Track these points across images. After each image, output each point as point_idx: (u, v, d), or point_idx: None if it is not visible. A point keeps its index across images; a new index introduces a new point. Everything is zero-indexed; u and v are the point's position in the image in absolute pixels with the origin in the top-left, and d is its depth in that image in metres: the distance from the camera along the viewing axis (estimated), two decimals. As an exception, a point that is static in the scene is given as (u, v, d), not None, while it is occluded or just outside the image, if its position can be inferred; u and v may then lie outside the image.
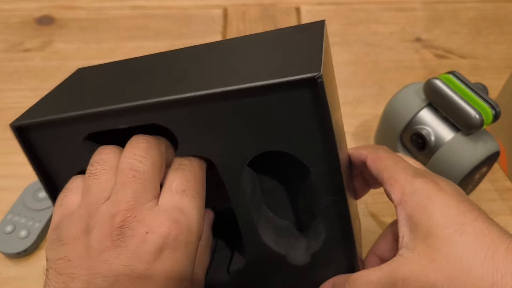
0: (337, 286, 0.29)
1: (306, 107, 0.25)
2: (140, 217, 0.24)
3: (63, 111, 0.27)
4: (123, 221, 0.23)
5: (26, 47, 0.61)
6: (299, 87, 0.24)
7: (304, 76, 0.23)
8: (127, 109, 0.26)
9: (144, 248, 0.23)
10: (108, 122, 0.27)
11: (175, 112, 0.26)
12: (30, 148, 0.28)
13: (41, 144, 0.28)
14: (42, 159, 0.29)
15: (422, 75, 0.59)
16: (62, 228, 0.24)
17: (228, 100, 0.25)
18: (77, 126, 0.27)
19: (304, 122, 0.25)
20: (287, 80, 0.23)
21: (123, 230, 0.23)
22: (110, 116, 0.26)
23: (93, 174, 0.25)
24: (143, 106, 0.25)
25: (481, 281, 0.23)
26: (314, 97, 0.24)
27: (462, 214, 0.25)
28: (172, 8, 0.66)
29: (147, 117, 0.26)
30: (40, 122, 0.27)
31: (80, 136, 0.27)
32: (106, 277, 0.22)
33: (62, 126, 0.27)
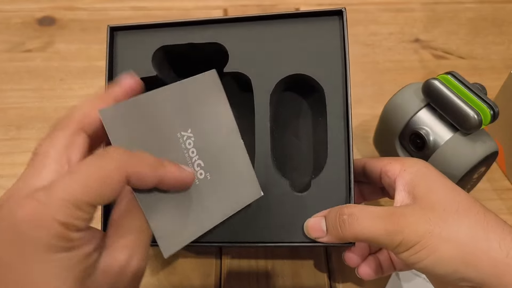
0: (342, 215, 0.30)
1: (333, 36, 0.36)
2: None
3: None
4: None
5: (28, 47, 0.61)
6: (330, 15, 0.36)
7: (334, 8, 0.36)
8: (194, 22, 0.36)
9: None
10: (177, 36, 0.37)
11: (230, 30, 0.36)
12: (112, 47, 0.37)
13: (121, 46, 0.37)
14: (116, 60, 0.37)
15: (421, 76, 0.59)
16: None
17: (272, 23, 0.37)
18: (152, 35, 0.37)
19: (330, 52, 0.36)
20: (321, 10, 0.36)
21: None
22: (180, 28, 0.37)
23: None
24: (207, 21, 0.36)
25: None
26: (340, 26, 0.36)
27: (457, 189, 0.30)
28: (173, 9, 0.67)
29: (209, 34, 0.36)
30: (128, 26, 0.37)
31: (154, 46, 0.37)
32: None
33: (141, 34, 0.37)
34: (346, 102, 0.35)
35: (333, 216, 0.31)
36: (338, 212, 0.30)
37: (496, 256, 0.26)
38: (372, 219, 0.29)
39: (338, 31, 0.36)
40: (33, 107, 0.55)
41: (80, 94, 0.56)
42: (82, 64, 0.60)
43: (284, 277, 0.43)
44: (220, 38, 0.36)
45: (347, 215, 0.30)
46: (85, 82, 0.58)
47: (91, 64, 0.60)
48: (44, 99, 0.56)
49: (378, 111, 0.47)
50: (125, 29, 0.37)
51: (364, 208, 0.30)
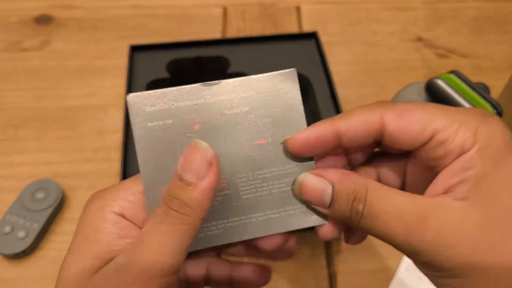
0: (358, 203, 0.22)
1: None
2: None
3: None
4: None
5: (25, 46, 0.61)
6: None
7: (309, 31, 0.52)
8: (201, 42, 0.52)
9: None
10: (185, 52, 0.50)
11: (234, 47, 0.52)
12: (132, 59, 0.51)
13: (140, 61, 0.51)
14: (134, 71, 0.50)
15: (423, 75, 0.58)
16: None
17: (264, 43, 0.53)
18: (163, 52, 0.51)
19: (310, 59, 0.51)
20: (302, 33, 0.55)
21: None
22: (188, 46, 0.51)
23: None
24: (213, 41, 0.52)
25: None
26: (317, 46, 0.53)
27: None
28: (172, 8, 0.66)
29: (215, 50, 0.51)
30: (146, 45, 0.52)
31: (165, 60, 0.50)
32: None
33: (155, 51, 0.51)
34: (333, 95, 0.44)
35: (345, 197, 0.23)
36: (354, 194, 0.22)
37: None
38: (394, 220, 0.21)
39: (316, 49, 0.54)
40: (30, 107, 0.55)
41: (77, 94, 0.56)
42: (79, 63, 0.59)
43: (284, 280, 0.42)
44: (222, 53, 0.51)
45: (365, 205, 0.22)
46: (82, 81, 0.57)
47: (89, 63, 0.59)
48: (42, 99, 0.55)
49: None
50: (144, 48, 0.51)
51: (387, 198, 0.22)
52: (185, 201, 0.21)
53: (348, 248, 0.44)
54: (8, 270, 0.43)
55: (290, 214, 0.25)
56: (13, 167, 0.50)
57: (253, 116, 0.25)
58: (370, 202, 0.22)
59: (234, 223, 0.25)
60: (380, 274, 0.43)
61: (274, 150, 0.25)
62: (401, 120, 0.22)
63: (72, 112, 0.54)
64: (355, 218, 0.22)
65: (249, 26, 0.64)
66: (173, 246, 0.21)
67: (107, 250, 0.22)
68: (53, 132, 0.52)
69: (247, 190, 0.25)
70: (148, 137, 0.24)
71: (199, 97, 0.25)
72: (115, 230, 0.22)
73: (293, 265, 0.43)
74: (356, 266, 0.43)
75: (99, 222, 0.22)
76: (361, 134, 0.23)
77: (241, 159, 0.25)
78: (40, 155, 0.50)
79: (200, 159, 0.22)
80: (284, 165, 0.25)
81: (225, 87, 0.25)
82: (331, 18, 0.66)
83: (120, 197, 0.23)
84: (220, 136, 0.25)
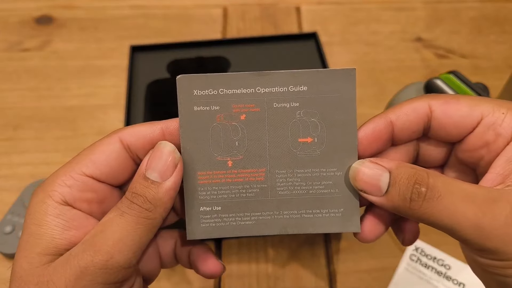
0: (421, 185, 0.21)
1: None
2: None
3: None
4: None
5: (25, 46, 0.61)
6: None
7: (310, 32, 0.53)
8: (201, 43, 0.51)
9: None
10: (186, 52, 0.50)
11: (234, 47, 0.52)
12: (133, 60, 0.50)
13: (140, 62, 0.50)
14: (135, 71, 0.49)
15: (422, 75, 0.59)
16: None
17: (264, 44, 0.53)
18: (163, 52, 0.50)
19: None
20: (302, 33, 0.54)
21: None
22: (189, 47, 0.51)
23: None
24: (213, 41, 0.52)
25: None
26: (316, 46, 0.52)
27: None
28: (172, 8, 0.66)
29: (215, 51, 0.51)
30: (146, 45, 0.51)
31: (165, 61, 0.50)
32: None
33: (155, 51, 0.50)
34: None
35: (405, 179, 0.21)
36: (414, 178, 0.21)
37: None
38: (461, 202, 0.20)
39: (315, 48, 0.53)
40: (30, 107, 0.55)
41: (77, 94, 0.56)
42: (80, 64, 0.59)
43: (284, 280, 0.42)
44: (222, 53, 0.51)
45: (428, 188, 0.21)
46: (83, 81, 0.57)
47: (89, 63, 0.59)
48: (42, 99, 0.56)
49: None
50: (145, 48, 0.51)
51: (452, 183, 0.21)
52: (149, 198, 0.21)
53: (348, 248, 0.44)
54: (8, 270, 0.43)
55: (324, 217, 0.25)
56: (13, 167, 0.50)
57: (302, 112, 0.25)
58: (433, 184, 0.21)
59: (267, 217, 0.25)
60: (380, 274, 0.43)
61: (318, 151, 0.25)
62: (447, 105, 0.23)
63: (72, 112, 0.54)
64: (416, 202, 0.21)
65: (249, 26, 0.64)
66: (133, 239, 0.21)
67: (51, 245, 0.21)
68: (53, 132, 0.52)
69: (284, 187, 0.25)
70: (193, 121, 0.24)
71: (250, 86, 0.24)
72: (58, 223, 0.22)
73: (293, 265, 0.43)
74: (356, 266, 0.43)
75: (41, 216, 0.22)
76: (411, 121, 0.23)
77: (283, 155, 0.25)
78: (40, 155, 0.51)
79: (166, 160, 0.22)
80: (327, 167, 0.25)
81: (277, 78, 0.24)
82: (331, 18, 0.66)
83: (58, 183, 0.22)
84: (265, 129, 0.25)
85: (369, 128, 0.24)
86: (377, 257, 0.44)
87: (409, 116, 0.23)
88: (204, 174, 0.25)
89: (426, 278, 0.42)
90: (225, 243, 0.44)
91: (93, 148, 0.23)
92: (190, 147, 0.24)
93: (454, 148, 0.25)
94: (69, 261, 0.21)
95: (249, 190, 0.25)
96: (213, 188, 0.25)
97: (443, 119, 0.23)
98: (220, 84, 0.24)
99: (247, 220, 0.25)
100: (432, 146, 0.25)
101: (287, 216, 0.25)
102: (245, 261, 0.43)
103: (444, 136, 0.24)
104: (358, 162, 0.24)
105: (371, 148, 0.24)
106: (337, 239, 0.45)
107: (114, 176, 0.23)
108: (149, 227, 0.22)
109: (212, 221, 0.25)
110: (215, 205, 0.25)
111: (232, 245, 0.44)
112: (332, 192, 0.25)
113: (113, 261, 0.20)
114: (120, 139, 0.23)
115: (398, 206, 0.22)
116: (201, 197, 0.25)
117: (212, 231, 0.25)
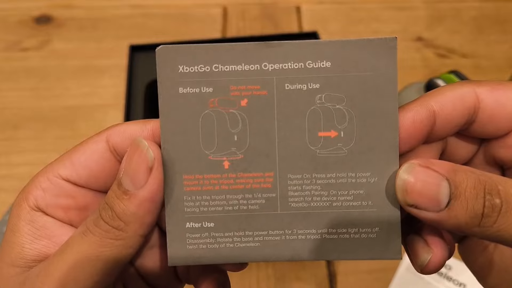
0: (494, 196, 0.17)
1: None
2: None
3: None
4: None
5: (24, 46, 0.61)
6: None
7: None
8: (201, 42, 0.48)
9: None
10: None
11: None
12: (132, 59, 0.51)
13: (139, 61, 0.50)
14: (134, 71, 0.50)
15: (423, 75, 0.58)
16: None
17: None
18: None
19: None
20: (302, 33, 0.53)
21: None
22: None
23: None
24: (213, 41, 0.38)
25: None
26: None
27: None
28: (171, 7, 0.66)
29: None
30: (146, 45, 0.52)
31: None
32: None
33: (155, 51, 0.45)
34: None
35: (471, 189, 0.17)
36: (482, 186, 0.17)
37: None
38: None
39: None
40: (29, 107, 0.55)
41: (77, 94, 0.56)
42: (79, 63, 0.59)
43: (284, 281, 0.42)
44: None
45: (501, 198, 0.16)
46: (82, 81, 0.57)
47: (88, 63, 0.59)
48: (41, 99, 0.55)
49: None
50: (144, 48, 0.51)
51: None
52: (118, 213, 0.17)
53: (348, 248, 0.44)
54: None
55: (353, 239, 0.19)
56: (12, 167, 0.49)
57: (323, 97, 0.18)
58: (506, 193, 0.16)
59: (275, 237, 0.19)
60: (380, 274, 0.43)
61: (345, 149, 0.19)
62: (497, 93, 0.19)
63: (72, 112, 0.54)
64: (490, 218, 0.17)
65: (249, 26, 0.64)
66: (94, 266, 0.17)
67: (20, 256, 0.18)
68: (53, 132, 0.52)
69: (299, 197, 0.19)
70: (178, 108, 0.18)
71: (254, 61, 0.18)
72: (29, 231, 0.18)
73: (293, 265, 0.43)
74: (356, 266, 0.43)
75: (15, 221, 0.19)
76: (457, 112, 0.19)
77: (297, 153, 0.19)
78: (39, 155, 0.50)
79: (137, 162, 0.17)
80: (357, 171, 0.19)
81: (291, 51, 0.18)
82: (331, 18, 0.65)
83: (34, 185, 0.19)
84: (274, 119, 0.19)
85: (408, 118, 0.19)
86: (377, 257, 0.44)
87: (456, 106, 0.18)
88: (192, 179, 0.19)
89: (426, 278, 0.41)
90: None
91: (78, 147, 0.19)
92: (173, 142, 0.18)
93: (487, 144, 0.20)
94: (24, 285, 0.18)
95: (252, 201, 0.19)
96: (203, 197, 0.19)
97: (495, 109, 0.19)
98: (214, 58, 0.18)
99: (249, 241, 0.19)
100: (463, 141, 0.20)
101: (302, 237, 0.19)
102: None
103: (491, 130, 0.19)
104: (407, 168, 0.18)
105: (407, 145, 0.19)
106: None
107: (96, 180, 0.19)
108: (118, 249, 0.17)
109: (202, 242, 0.19)
110: (206, 221, 0.19)
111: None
112: (364, 206, 0.19)
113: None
114: (107, 138, 0.19)
115: (465, 223, 0.17)
116: (188, 209, 0.19)
117: (202, 255, 0.19)
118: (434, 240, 0.19)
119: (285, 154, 0.19)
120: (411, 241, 0.19)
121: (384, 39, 0.19)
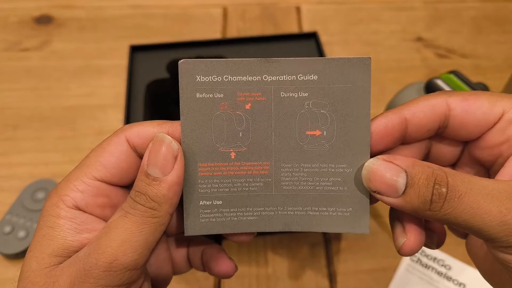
0: (441, 185, 0.20)
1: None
2: None
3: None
4: None
5: (25, 46, 0.61)
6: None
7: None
8: (201, 43, 0.52)
9: None
10: (185, 52, 0.51)
11: (234, 47, 0.53)
12: (132, 60, 0.51)
13: (140, 62, 0.51)
14: (135, 71, 0.51)
15: (423, 75, 0.58)
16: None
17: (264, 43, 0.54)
18: (163, 52, 0.51)
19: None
20: (302, 33, 0.55)
21: None
22: (189, 47, 0.52)
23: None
24: (213, 41, 0.53)
25: None
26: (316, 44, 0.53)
27: None
28: (172, 7, 0.66)
29: (215, 50, 0.51)
30: (146, 45, 0.53)
31: (165, 60, 0.51)
32: None
33: (155, 51, 0.52)
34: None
35: (424, 180, 0.20)
36: (433, 178, 0.20)
37: None
38: (484, 200, 0.19)
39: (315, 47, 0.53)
40: (30, 107, 0.55)
41: (77, 94, 0.56)
42: (79, 63, 0.59)
43: (284, 280, 0.42)
44: (222, 53, 0.51)
45: (448, 188, 0.20)
46: (82, 81, 0.57)
47: (88, 63, 0.59)
48: (41, 99, 0.55)
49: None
50: (144, 48, 0.52)
51: (471, 180, 0.20)
52: (151, 196, 0.21)
53: (348, 248, 0.44)
54: (8, 270, 0.43)
55: (331, 216, 0.24)
56: (12, 167, 0.49)
57: (311, 103, 0.23)
58: (453, 184, 0.20)
59: (270, 212, 0.24)
60: (380, 274, 0.43)
61: (327, 145, 0.23)
62: (467, 102, 0.22)
63: (72, 112, 0.54)
64: (437, 203, 0.20)
65: (249, 26, 0.64)
66: (137, 240, 0.21)
67: (63, 246, 0.21)
68: (53, 132, 0.52)
69: (289, 182, 0.24)
70: (195, 109, 0.23)
71: (256, 73, 0.23)
72: (71, 226, 0.22)
73: (293, 265, 0.43)
74: (356, 266, 0.43)
75: (54, 219, 0.22)
76: (427, 118, 0.22)
77: (289, 147, 0.23)
78: (39, 155, 0.50)
79: (165, 154, 0.21)
80: (336, 163, 0.23)
81: (286, 66, 0.23)
82: (331, 18, 0.65)
83: (70, 189, 0.22)
84: (271, 119, 0.23)
85: (381, 123, 0.23)
86: (377, 257, 0.44)
87: (426, 113, 0.22)
88: (205, 166, 0.23)
89: (426, 278, 0.42)
90: (225, 243, 0.44)
91: (101, 150, 0.23)
92: (191, 137, 0.23)
93: (468, 146, 0.24)
94: (75, 263, 0.21)
95: (252, 184, 0.24)
96: (214, 181, 0.23)
97: (464, 117, 0.22)
98: (225, 70, 0.23)
99: (249, 216, 0.24)
100: (445, 144, 0.24)
101: (292, 213, 0.24)
102: (245, 261, 0.43)
103: (463, 134, 0.23)
104: (372, 161, 0.22)
105: (380, 145, 0.23)
106: (338, 239, 0.45)
107: (127, 176, 0.23)
108: (155, 226, 0.21)
109: (212, 216, 0.24)
110: (215, 199, 0.24)
111: (232, 245, 0.44)
112: (341, 190, 0.24)
113: (117, 263, 0.20)
114: (126, 139, 0.23)
115: (418, 208, 0.20)
116: (201, 190, 0.23)
117: (212, 227, 0.24)
118: (410, 226, 0.23)
119: (279, 148, 0.23)
120: (394, 225, 0.23)
121: (361, 58, 0.24)
